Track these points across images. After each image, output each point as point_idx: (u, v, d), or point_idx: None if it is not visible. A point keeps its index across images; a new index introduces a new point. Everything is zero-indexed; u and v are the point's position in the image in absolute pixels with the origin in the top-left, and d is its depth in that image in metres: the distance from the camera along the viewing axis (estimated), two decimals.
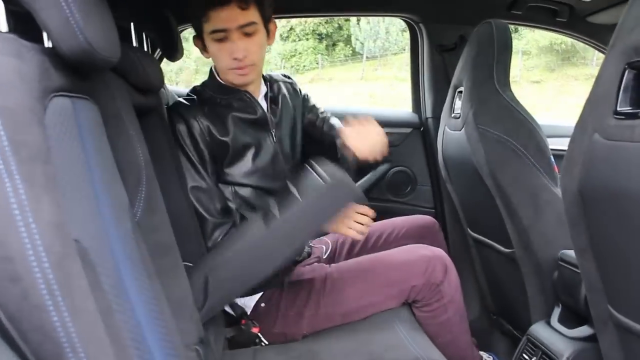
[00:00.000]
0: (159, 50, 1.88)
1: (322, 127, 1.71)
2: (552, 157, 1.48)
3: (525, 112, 1.52)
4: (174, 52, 1.64)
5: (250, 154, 1.49)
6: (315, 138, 1.70)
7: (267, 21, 1.45)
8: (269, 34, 1.49)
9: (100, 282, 0.67)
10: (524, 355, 1.40)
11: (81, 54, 0.69)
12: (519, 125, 1.49)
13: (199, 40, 1.46)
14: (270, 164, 1.53)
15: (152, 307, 0.86)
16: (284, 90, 1.65)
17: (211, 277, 1.23)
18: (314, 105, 1.75)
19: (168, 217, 1.04)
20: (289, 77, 1.72)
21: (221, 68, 1.47)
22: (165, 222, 1.03)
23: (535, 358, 1.35)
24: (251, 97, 1.51)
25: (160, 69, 1.35)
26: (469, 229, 1.89)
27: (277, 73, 1.71)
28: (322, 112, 1.75)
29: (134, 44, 1.41)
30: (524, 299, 1.55)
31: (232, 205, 1.46)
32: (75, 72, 0.75)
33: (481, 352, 1.75)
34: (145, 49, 1.54)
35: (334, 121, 1.72)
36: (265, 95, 1.58)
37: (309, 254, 1.72)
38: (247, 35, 1.39)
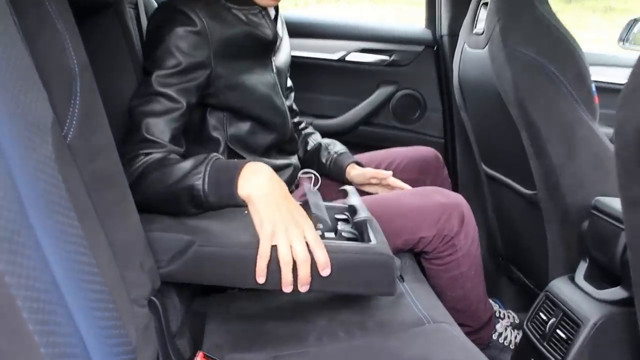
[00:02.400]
0: None
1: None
2: (593, 85, 1.23)
3: (565, 29, 1.26)
4: None
5: (253, 78, 1.27)
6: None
7: None
8: None
9: None
10: (541, 314, 1.22)
11: None
12: (557, 45, 1.23)
13: None
14: (270, 95, 1.32)
15: (77, 256, 0.65)
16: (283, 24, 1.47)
17: None
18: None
19: (114, 141, 0.81)
20: None
21: None
22: (109, 147, 0.81)
23: (554, 319, 1.16)
24: (266, 16, 1.29)
25: None
26: (483, 164, 1.67)
27: None
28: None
29: None
30: (542, 247, 1.35)
31: (217, 135, 1.24)
32: None
33: None
34: None
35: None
36: (275, 19, 1.36)
37: (297, 186, 1.51)
38: None
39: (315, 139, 1.57)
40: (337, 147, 1.54)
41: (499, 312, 1.64)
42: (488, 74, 1.37)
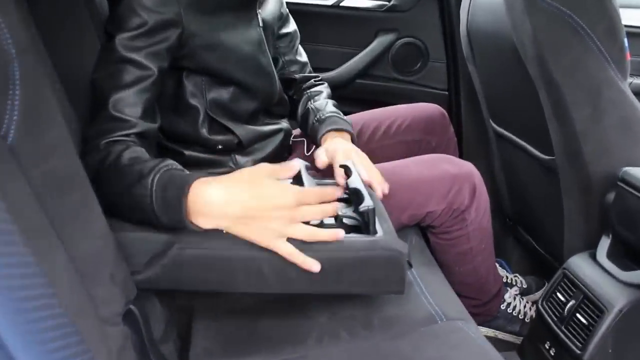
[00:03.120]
0: None
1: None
2: (626, 40, 1.08)
3: None
4: None
5: (234, 36, 1.11)
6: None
7: None
8: None
9: None
10: (558, 294, 1.12)
11: None
12: None
13: None
14: (255, 55, 1.16)
15: (21, 285, 0.54)
16: None
17: None
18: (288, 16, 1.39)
19: (68, 134, 0.67)
20: None
21: None
22: (64, 143, 0.67)
23: (574, 302, 1.06)
24: None
25: None
26: (492, 121, 1.53)
27: None
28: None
29: None
30: (557, 216, 1.24)
31: (195, 103, 1.09)
32: None
33: None
34: None
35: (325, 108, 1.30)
36: None
37: (290, 151, 1.38)
38: None
39: (316, 100, 1.35)
40: (324, 111, 1.28)
41: (506, 278, 1.56)
42: (503, 25, 1.21)
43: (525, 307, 1.43)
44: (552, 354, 1.10)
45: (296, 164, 0.83)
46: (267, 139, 1.24)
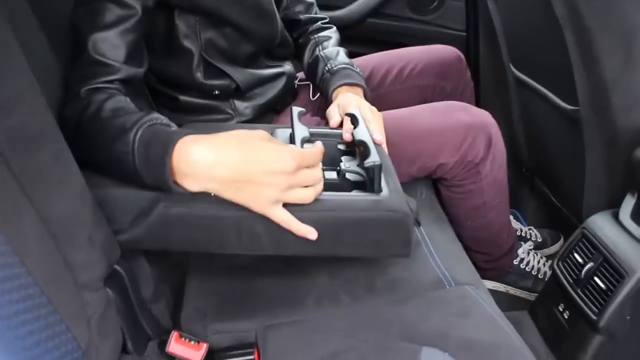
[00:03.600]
0: None
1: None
2: None
3: None
4: None
5: None
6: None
7: None
8: None
9: None
10: (576, 255, 1.05)
11: None
12: None
13: None
14: None
15: None
16: None
17: None
18: None
19: (35, 84, 0.60)
20: None
21: None
22: (30, 92, 0.60)
23: (592, 264, 1.00)
24: None
25: None
26: (512, 66, 1.43)
27: None
28: None
29: None
30: (578, 170, 1.16)
31: (189, 45, 1.01)
32: None
33: None
34: None
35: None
36: None
37: (294, 96, 1.29)
38: None
39: (325, 46, 1.23)
40: (335, 61, 1.17)
41: (520, 230, 1.49)
42: None
43: (538, 262, 1.37)
44: (566, 317, 1.04)
45: (320, 146, 0.75)
46: (268, 83, 1.16)
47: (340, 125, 0.99)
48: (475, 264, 1.28)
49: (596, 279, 0.98)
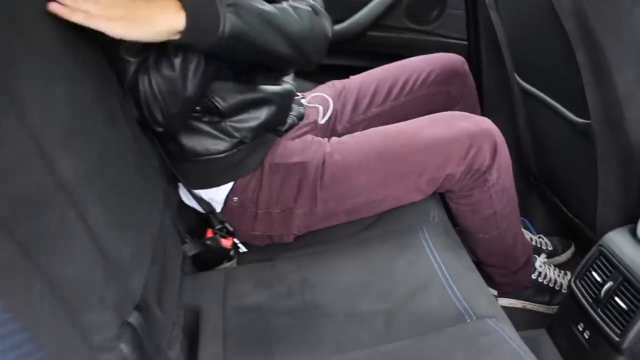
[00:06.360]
0: None
1: None
2: None
3: None
4: None
5: None
6: None
7: None
8: None
9: None
10: (594, 273, 1.03)
11: None
12: None
13: None
14: None
15: None
16: None
17: None
18: None
19: (37, 150, 0.58)
20: None
21: None
22: (31, 158, 0.57)
23: (612, 283, 0.98)
24: None
25: None
26: (517, 76, 1.40)
27: None
28: None
29: None
30: (590, 184, 1.14)
31: None
32: None
33: None
34: None
35: None
36: None
37: (300, 117, 1.26)
38: None
39: None
40: None
41: (531, 239, 1.47)
42: None
43: (554, 274, 1.35)
44: (586, 336, 1.02)
45: None
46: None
47: None
48: (492, 279, 1.27)
49: (617, 299, 0.96)
